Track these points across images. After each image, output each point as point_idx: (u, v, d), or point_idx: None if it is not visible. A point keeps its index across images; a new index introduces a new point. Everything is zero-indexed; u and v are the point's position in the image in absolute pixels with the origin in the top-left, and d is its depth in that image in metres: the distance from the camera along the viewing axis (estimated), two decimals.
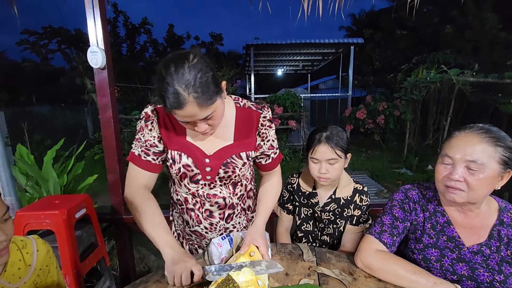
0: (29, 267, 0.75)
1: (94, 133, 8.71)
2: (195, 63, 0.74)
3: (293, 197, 1.32)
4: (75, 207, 1.51)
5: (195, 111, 0.76)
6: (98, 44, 1.58)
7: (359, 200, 1.21)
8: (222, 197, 1.00)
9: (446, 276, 0.90)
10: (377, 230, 0.99)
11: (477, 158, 0.80)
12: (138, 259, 2.77)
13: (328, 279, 0.89)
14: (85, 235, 1.64)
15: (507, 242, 0.87)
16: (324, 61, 12.49)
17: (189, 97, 0.73)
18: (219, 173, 0.96)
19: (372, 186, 5.47)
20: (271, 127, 1.03)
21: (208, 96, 0.75)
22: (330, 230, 1.26)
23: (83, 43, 9.69)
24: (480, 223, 0.90)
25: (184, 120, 0.79)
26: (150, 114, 0.94)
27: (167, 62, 0.75)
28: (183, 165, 0.93)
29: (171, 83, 0.72)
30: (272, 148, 1.06)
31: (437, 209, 0.96)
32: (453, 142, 0.86)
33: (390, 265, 0.89)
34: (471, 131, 0.85)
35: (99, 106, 1.65)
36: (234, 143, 0.97)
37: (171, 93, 0.72)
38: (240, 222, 1.09)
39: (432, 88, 6.38)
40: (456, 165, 0.83)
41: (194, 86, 0.73)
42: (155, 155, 0.95)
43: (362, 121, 8.31)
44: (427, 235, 0.96)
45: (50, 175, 2.18)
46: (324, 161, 1.12)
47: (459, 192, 0.83)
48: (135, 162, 0.95)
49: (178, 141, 0.94)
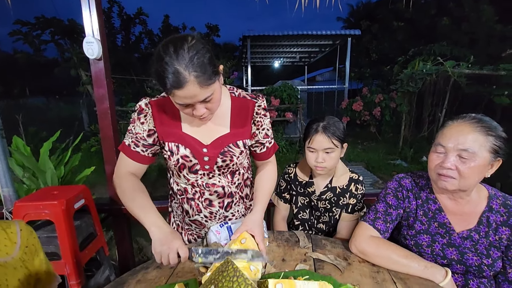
0: (14, 245, 0.77)
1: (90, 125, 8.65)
2: (194, 43, 0.75)
3: (290, 186, 1.34)
4: (73, 198, 1.52)
5: (196, 90, 0.76)
6: (94, 34, 1.57)
7: (354, 189, 1.24)
8: (221, 186, 1.01)
9: (436, 260, 0.94)
10: (371, 217, 1.02)
11: (468, 147, 0.82)
12: (136, 249, 2.80)
13: (323, 264, 0.92)
14: (84, 225, 1.66)
15: (496, 227, 0.90)
16: (321, 53, 12.43)
17: (190, 76, 0.73)
18: (217, 162, 0.97)
19: (367, 177, 5.54)
20: (266, 116, 1.04)
21: (208, 76, 0.76)
22: (326, 218, 1.30)
23: (77, 33, 9.53)
24: (470, 210, 0.93)
25: (184, 102, 0.79)
26: (143, 108, 0.95)
27: (166, 43, 0.75)
28: (181, 156, 0.94)
29: (170, 63, 0.72)
30: (267, 137, 1.06)
31: (429, 197, 0.99)
32: (446, 132, 0.89)
33: (383, 250, 0.92)
34: (463, 120, 0.87)
35: (96, 97, 1.64)
36: (231, 132, 0.98)
37: (171, 72, 0.72)
38: (239, 210, 1.11)
39: (428, 80, 6.41)
40: (449, 154, 0.86)
41: (194, 65, 0.73)
42: (144, 147, 0.97)
43: (359, 113, 8.34)
44: (419, 221, 0.99)
45: (47, 166, 2.18)
46: (320, 151, 1.14)
47: (450, 179, 0.86)
48: (124, 151, 0.97)
49: (174, 133, 0.95)
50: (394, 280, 0.85)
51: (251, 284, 0.55)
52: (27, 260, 0.78)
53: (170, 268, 0.86)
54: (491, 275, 0.91)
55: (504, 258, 0.91)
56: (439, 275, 0.85)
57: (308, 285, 0.66)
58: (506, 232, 0.89)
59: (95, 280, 1.72)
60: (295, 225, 1.37)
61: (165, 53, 0.73)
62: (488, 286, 0.92)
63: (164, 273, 0.88)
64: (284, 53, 12.57)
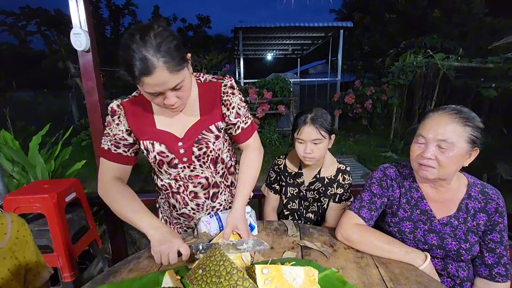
0: (4, 235, 0.78)
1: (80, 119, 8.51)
2: (160, 31, 0.75)
3: (280, 177, 1.38)
4: (64, 191, 1.52)
5: (165, 77, 0.75)
6: (82, 26, 1.54)
7: (342, 179, 1.28)
8: (204, 177, 1.01)
9: (418, 246, 0.98)
10: (356, 205, 1.06)
11: (447, 137, 0.86)
12: (130, 243, 2.82)
13: (310, 251, 0.96)
14: (76, 218, 1.66)
15: (474, 214, 0.95)
16: (313, 45, 12.41)
17: (158, 62, 0.72)
18: (193, 152, 0.96)
19: (358, 169, 5.63)
20: (234, 94, 1.00)
21: (176, 62, 0.75)
22: (314, 208, 1.33)
23: (64, 24, 9.28)
24: (450, 197, 0.98)
25: (154, 90, 0.77)
26: (116, 109, 0.94)
27: (131, 32, 0.74)
28: (158, 152, 0.94)
29: (137, 50, 0.71)
30: (238, 116, 1.02)
31: (412, 185, 1.03)
32: (426, 122, 0.92)
33: (367, 237, 0.96)
34: (443, 112, 0.91)
35: (85, 90, 1.63)
36: (201, 119, 0.97)
37: (139, 59, 0.71)
38: (226, 199, 1.11)
39: (419, 72, 6.49)
40: (429, 144, 0.90)
41: (161, 52, 0.72)
42: (125, 147, 0.96)
43: (351, 105, 8.41)
44: (403, 209, 1.03)
45: (37, 160, 2.16)
46: (309, 142, 1.17)
47: (430, 169, 0.90)
48: (105, 156, 0.94)
49: (148, 130, 0.95)
50: (377, 264, 0.89)
51: (237, 268, 0.58)
52: (17, 251, 0.79)
53: None
54: (468, 259, 0.96)
55: (481, 243, 0.96)
56: (419, 259, 0.89)
57: (294, 269, 0.69)
58: (483, 218, 0.94)
59: (88, 273, 1.74)
60: (285, 215, 1.40)
61: (132, 41, 0.72)
62: (466, 270, 0.97)
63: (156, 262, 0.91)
64: (276, 45, 12.49)
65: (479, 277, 0.97)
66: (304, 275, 0.69)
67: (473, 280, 0.99)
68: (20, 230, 0.82)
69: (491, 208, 0.93)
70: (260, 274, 0.63)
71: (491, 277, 0.94)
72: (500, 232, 0.93)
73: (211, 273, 0.57)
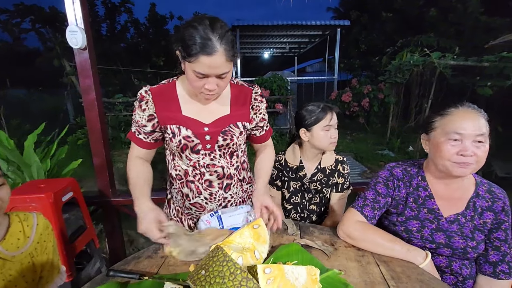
0: (27, 239, 0.77)
1: (76, 117, 8.44)
2: (225, 25, 0.85)
3: (281, 173, 1.41)
4: (61, 191, 1.51)
5: (221, 62, 0.83)
6: (78, 23, 1.52)
7: (342, 168, 1.36)
8: (220, 166, 1.06)
9: (425, 245, 0.98)
10: (360, 204, 1.05)
11: (484, 131, 0.87)
12: (127, 242, 2.80)
13: (311, 250, 0.95)
14: (73, 218, 1.65)
15: (481, 212, 0.95)
16: (311, 43, 12.41)
17: (220, 47, 0.81)
18: (218, 141, 1.02)
19: (356, 167, 5.65)
20: (263, 102, 1.13)
21: (233, 52, 0.85)
22: (317, 199, 1.39)
23: (59, 22, 9.17)
24: (459, 195, 0.98)
25: (205, 71, 0.84)
26: (144, 95, 1.00)
27: (200, 17, 0.83)
28: (183, 136, 0.99)
29: (204, 32, 0.80)
30: (264, 120, 1.16)
31: (420, 184, 1.03)
32: (454, 119, 0.90)
33: (369, 234, 0.96)
34: (466, 107, 0.91)
35: (82, 88, 1.61)
36: (231, 113, 1.05)
37: (205, 38, 0.80)
38: (237, 192, 1.15)
39: (415, 71, 6.52)
40: (465, 141, 0.87)
41: (225, 40, 0.82)
42: (145, 134, 1.04)
43: (348, 104, 8.43)
44: (409, 208, 1.02)
45: (32, 159, 2.14)
46: (333, 127, 1.29)
47: (470, 165, 0.88)
48: (131, 138, 1.06)
49: (175, 116, 1.00)
50: (378, 263, 0.89)
51: (240, 268, 0.57)
52: (35, 256, 0.78)
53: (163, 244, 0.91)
54: (474, 257, 0.96)
55: (487, 241, 0.96)
56: (419, 257, 0.89)
57: (296, 269, 0.69)
58: (490, 216, 0.94)
59: (85, 273, 1.73)
60: (288, 209, 1.42)
61: (200, 24, 0.81)
62: (469, 267, 0.97)
63: (156, 262, 0.90)
64: (274, 43, 12.47)
65: (482, 275, 0.97)
66: (306, 274, 0.69)
67: (475, 278, 1.00)
68: (43, 233, 0.81)
69: (498, 207, 0.94)
70: (262, 273, 0.63)
71: (495, 274, 0.94)
72: (505, 230, 0.94)
73: (215, 273, 0.57)
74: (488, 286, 0.96)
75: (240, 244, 0.83)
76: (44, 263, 0.81)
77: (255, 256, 0.82)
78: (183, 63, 0.89)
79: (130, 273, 0.80)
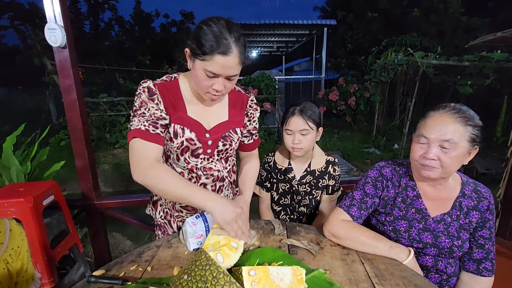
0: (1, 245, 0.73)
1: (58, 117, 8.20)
2: (239, 29, 0.86)
3: (271, 174, 1.39)
4: (41, 194, 1.45)
5: (234, 63, 0.84)
6: (57, 21, 1.47)
7: (332, 170, 1.33)
8: (217, 170, 1.06)
9: (412, 245, 0.99)
10: (347, 203, 1.06)
11: (450, 137, 0.86)
12: (113, 245, 2.74)
13: (297, 249, 0.96)
14: (55, 222, 1.59)
15: (467, 211, 0.97)
16: (298, 42, 12.46)
17: (235, 49, 0.82)
18: (218, 146, 1.02)
19: (343, 165, 5.73)
20: (257, 110, 1.15)
21: (245, 56, 0.86)
22: (306, 201, 1.35)
23: (39, 19, 8.87)
24: (447, 195, 0.99)
25: (216, 70, 0.84)
26: (153, 88, 0.92)
27: (216, 18, 0.83)
28: (186, 138, 0.96)
29: (221, 32, 0.80)
30: (255, 129, 1.17)
31: (409, 184, 1.04)
32: (428, 122, 0.91)
33: (353, 233, 0.97)
34: (444, 111, 0.90)
35: (62, 88, 1.56)
36: (229, 120, 1.05)
37: (221, 38, 0.80)
38: (228, 194, 1.16)
39: (399, 70, 6.66)
40: (431, 145, 0.89)
41: (240, 43, 0.84)
42: (162, 128, 0.93)
43: (335, 102, 8.52)
44: (398, 208, 1.04)
45: (11, 162, 2.06)
46: (297, 132, 1.21)
47: (434, 169, 0.90)
48: (144, 137, 0.89)
49: (180, 115, 0.96)
50: (362, 261, 0.90)
51: (223, 272, 0.57)
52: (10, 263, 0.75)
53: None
54: (459, 256, 0.98)
55: (471, 239, 0.98)
56: (402, 254, 0.91)
57: (281, 269, 0.69)
58: (476, 215, 0.96)
59: (69, 278, 1.68)
60: (277, 211, 1.41)
61: (216, 24, 0.81)
62: (453, 266, 0.99)
63: (140, 267, 0.88)
64: (261, 42, 12.45)
65: (465, 272, 1.00)
66: (292, 275, 0.69)
67: (459, 275, 1.02)
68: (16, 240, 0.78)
69: (484, 206, 0.95)
70: (247, 276, 0.63)
71: (478, 271, 0.97)
72: (489, 228, 0.96)
73: (197, 278, 0.56)
74: (471, 283, 0.98)
75: (215, 243, 0.83)
76: (19, 270, 0.78)
77: (233, 247, 0.82)
78: (192, 62, 0.87)
79: (112, 279, 0.78)
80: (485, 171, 5.05)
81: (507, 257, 1.76)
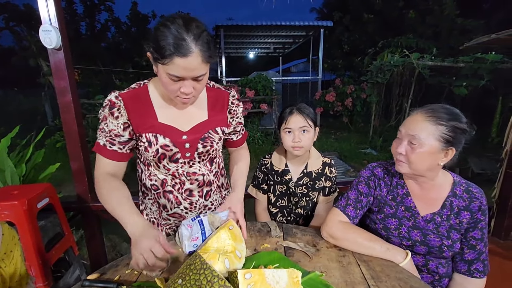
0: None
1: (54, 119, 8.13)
2: (201, 25, 0.79)
3: (267, 176, 1.38)
4: (36, 197, 1.44)
5: (197, 64, 0.78)
6: (52, 22, 1.46)
7: (329, 172, 1.33)
8: (201, 174, 1.03)
9: (402, 242, 1.00)
10: (342, 203, 1.07)
11: (416, 133, 0.90)
12: (109, 247, 2.72)
13: (293, 251, 0.96)
14: (50, 225, 1.58)
15: (458, 212, 0.97)
16: (295, 43, 12.49)
17: (196, 48, 0.76)
18: (198, 148, 0.98)
19: (340, 166, 5.74)
20: (239, 105, 1.11)
21: (210, 53, 0.80)
22: (303, 203, 1.35)
23: (35, 20, 8.81)
24: (435, 195, 1.00)
25: (180, 73, 0.79)
26: (115, 101, 0.90)
27: (173, 16, 0.78)
28: (161, 145, 0.93)
29: (179, 32, 0.75)
30: (240, 124, 1.14)
31: (399, 182, 1.06)
32: (406, 119, 0.97)
33: (350, 234, 0.97)
34: (421, 110, 0.94)
35: (57, 89, 1.55)
36: (209, 119, 1.01)
37: (179, 39, 0.74)
38: (217, 199, 1.13)
39: (395, 71, 6.70)
40: (402, 140, 0.95)
41: (201, 40, 0.77)
42: (120, 144, 0.93)
43: (332, 103, 8.55)
44: (389, 206, 1.05)
45: (6, 164, 2.04)
46: (297, 130, 1.21)
47: (402, 163, 0.95)
48: (100, 152, 0.93)
49: (150, 123, 0.93)
50: (359, 263, 0.90)
51: (218, 275, 0.57)
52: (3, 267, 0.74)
53: (158, 271, 0.79)
54: (450, 256, 0.99)
55: (463, 240, 0.98)
56: (399, 256, 0.91)
57: (277, 272, 0.68)
58: (467, 216, 0.96)
59: (64, 281, 1.66)
60: (274, 213, 1.40)
61: (173, 24, 0.75)
62: (445, 266, 1.00)
63: (135, 270, 0.87)
64: (258, 43, 12.47)
65: (457, 273, 1.01)
66: (288, 277, 0.69)
67: (451, 276, 1.03)
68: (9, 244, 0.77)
69: (475, 206, 0.95)
70: (242, 279, 0.62)
71: (470, 272, 0.97)
72: (481, 229, 0.96)
73: (191, 282, 0.56)
74: (463, 284, 0.99)
75: (220, 247, 0.83)
76: (12, 274, 0.77)
77: (238, 256, 0.82)
78: (156, 66, 0.82)
79: (107, 282, 0.77)
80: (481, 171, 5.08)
81: (502, 257, 1.77)
